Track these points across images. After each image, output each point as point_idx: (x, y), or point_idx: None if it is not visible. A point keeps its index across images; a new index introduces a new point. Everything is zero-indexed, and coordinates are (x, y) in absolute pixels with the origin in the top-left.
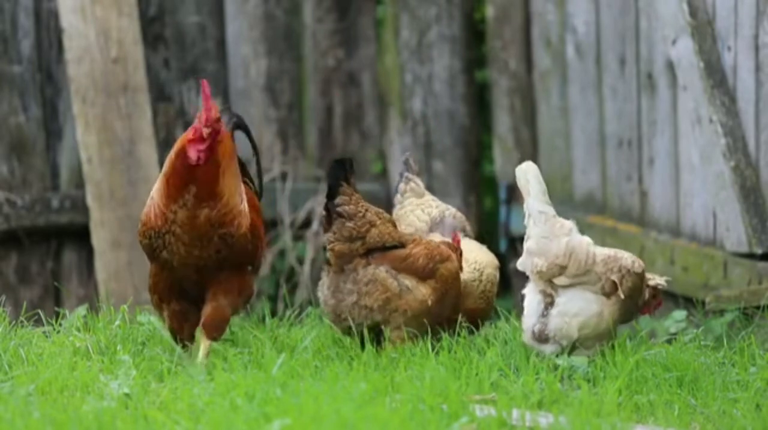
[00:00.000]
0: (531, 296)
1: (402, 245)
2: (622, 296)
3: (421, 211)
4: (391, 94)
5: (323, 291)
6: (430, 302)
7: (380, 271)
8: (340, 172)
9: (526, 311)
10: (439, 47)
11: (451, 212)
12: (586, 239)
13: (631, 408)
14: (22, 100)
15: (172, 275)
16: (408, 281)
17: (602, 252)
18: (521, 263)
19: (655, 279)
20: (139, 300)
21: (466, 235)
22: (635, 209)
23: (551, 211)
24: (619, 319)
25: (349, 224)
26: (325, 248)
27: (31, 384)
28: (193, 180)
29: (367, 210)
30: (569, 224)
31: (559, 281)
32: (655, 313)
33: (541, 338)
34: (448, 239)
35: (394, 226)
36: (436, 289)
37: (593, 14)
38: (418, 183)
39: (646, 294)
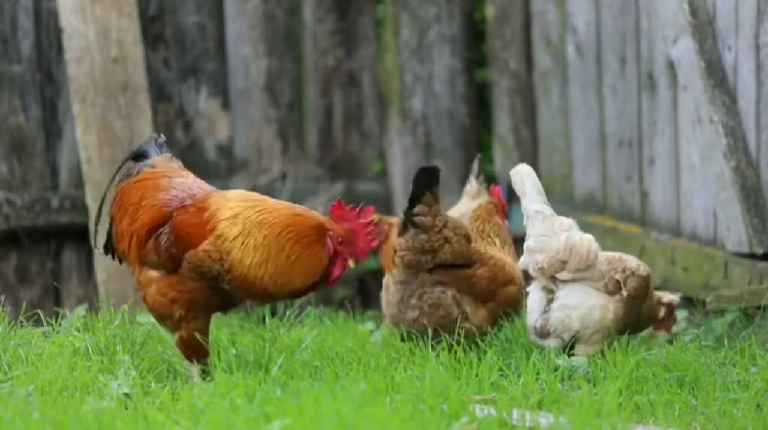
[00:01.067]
0: (534, 294)
1: (469, 265)
2: (626, 293)
3: (456, 209)
4: (391, 94)
5: (388, 296)
6: (484, 327)
7: (446, 296)
8: (425, 181)
9: (528, 309)
10: (439, 47)
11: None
12: (588, 236)
13: (632, 408)
14: (22, 100)
15: (203, 297)
16: (468, 307)
17: (607, 254)
18: (523, 262)
19: (668, 295)
20: (140, 300)
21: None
22: (636, 209)
23: (548, 210)
24: (624, 319)
25: (423, 237)
26: (395, 251)
27: (30, 384)
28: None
29: (444, 225)
30: (569, 221)
31: (562, 275)
32: (672, 330)
33: (543, 333)
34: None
35: (468, 241)
36: (493, 312)
37: (593, 14)
38: (473, 185)
39: (662, 311)
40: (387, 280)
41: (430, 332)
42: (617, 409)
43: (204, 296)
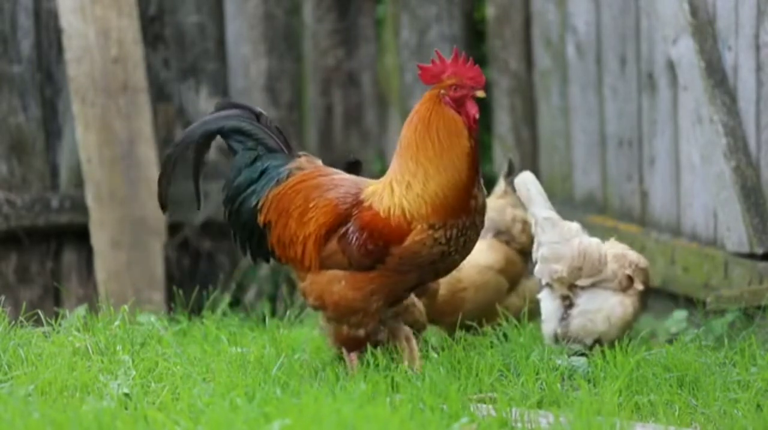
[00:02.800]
0: (548, 301)
1: None
2: (641, 288)
3: None
4: (391, 94)
5: None
6: (422, 319)
7: None
8: (354, 173)
9: (544, 317)
10: (440, 47)
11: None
12: (595, 240)
13: (632, 408)
14: (21, 100)
15: (406, 285)
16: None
17: (610, 250)
18: (538, 271)
19: None
20: (140, 300)
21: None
22: (636, 209)
23: (556, 215)
24: (638, 313)
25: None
26: None
27: (30, 384)
28: (478, 153)
29: None
30: (575, 225)
31: (581, 282)
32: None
33: (563, 340)
34: None
35: None
36: (426, 304)
37: (594, 14)
38: (501, 185)
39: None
40: None
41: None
42: (617, 409)
43: (405, 285)
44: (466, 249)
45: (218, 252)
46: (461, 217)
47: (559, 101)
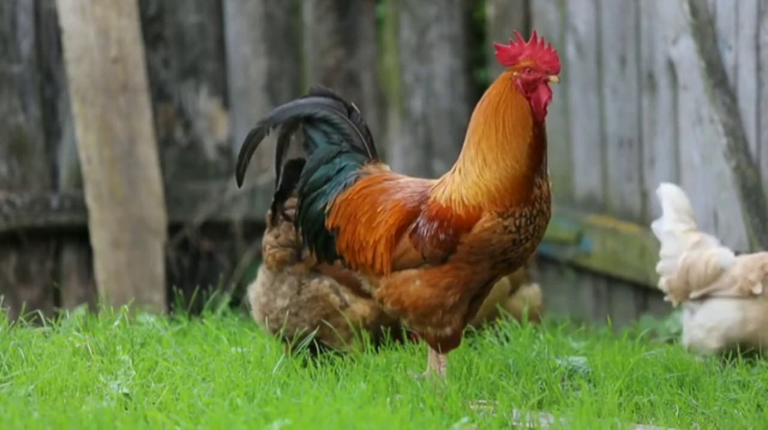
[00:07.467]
0: (684, 313)
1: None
2: (759, 291)
3: None
4: (391, 94)
5: (257, 288)
6: (368, 319)
7: (324, 285)
8: (295, 174)
9: (684, 328)
10: (440, 47)
11: None
12: (711, 252)
13: (632, 408)
14: (21, 100)
15: (480, 277)
16: (347, 296)
17: (749, 256)
18: (660, 284)
19: None
20: (140, 300)
21: None
22: (636, 209)
23: (681, 227)
24: None
25: (296, 230)
26: (264, 249)
27: (30, 384)
28: (544, 142)
29: None
30: (696, 237)
31: (693, 294)
32: None
33: (691, 352)
34: None
35: None
36: (375, 307)
37: (594, 14)
38: None
39: None
40: (259, 275)
41: (308, 330)
42: (617, 409)
43: (479, 277)
44: (537, 237)
45: (218, 252)
46: (524, 206)
47: (559, 101)
